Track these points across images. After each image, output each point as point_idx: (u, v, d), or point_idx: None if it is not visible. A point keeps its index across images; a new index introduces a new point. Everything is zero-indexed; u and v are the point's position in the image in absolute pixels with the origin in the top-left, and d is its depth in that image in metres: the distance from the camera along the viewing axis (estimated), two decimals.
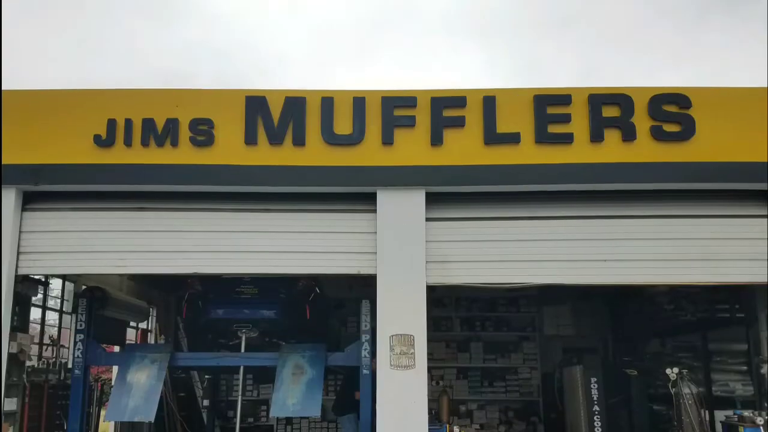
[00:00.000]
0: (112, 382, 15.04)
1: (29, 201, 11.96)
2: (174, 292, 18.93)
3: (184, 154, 11.60)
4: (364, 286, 14.01)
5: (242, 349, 14.04)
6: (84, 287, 14.86)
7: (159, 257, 11.86)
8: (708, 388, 14.40)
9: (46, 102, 11.94)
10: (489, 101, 11.60)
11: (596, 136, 11.40)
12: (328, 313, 19.05)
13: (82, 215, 11.98)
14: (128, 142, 11.59)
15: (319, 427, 21.11)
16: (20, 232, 11.79)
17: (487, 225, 11.74)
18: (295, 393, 12.61)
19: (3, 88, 11.77)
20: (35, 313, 14.48)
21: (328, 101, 11.70)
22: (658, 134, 11.35)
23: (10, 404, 12.15)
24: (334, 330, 20.62)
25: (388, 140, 11.52)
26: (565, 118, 11.51)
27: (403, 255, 11.31)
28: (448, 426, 13.00)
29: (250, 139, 11.59)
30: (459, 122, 11.57)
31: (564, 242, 11.58)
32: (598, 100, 11.53)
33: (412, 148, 11.54)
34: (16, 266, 11.68)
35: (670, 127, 11.39)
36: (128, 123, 11.64)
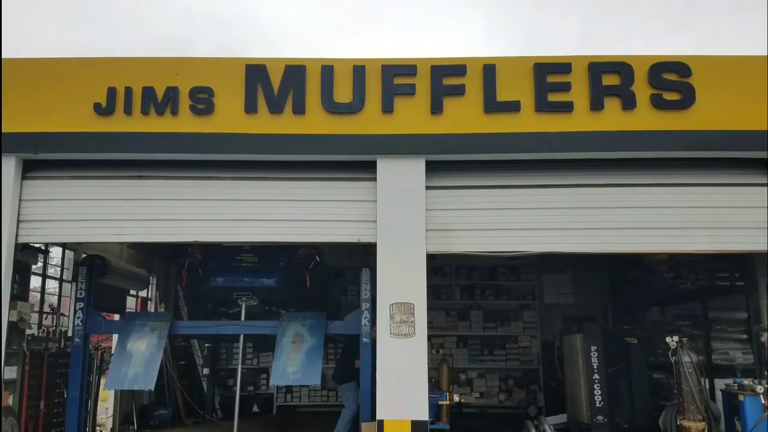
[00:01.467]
0: (112, 351, 15.09)
1: (29, 169, 11.99)
2: (174, 261, 19.03)
3: (184, 123, 11.60)
4: (364, 255, 14.08)
5: (242, 318, 14.12)
6: (84, 255, 14.92)
7: (159, 225, 11.88)
8: (708, 357, 14.44)
9: (46, 70, 11.93)
10: (489, 69, 11.59)
11: (596, 105, 11.40)
12: (328, 281, 19.14)
13: (82, 183, 11.99)
14: (128, 111, 11.60)
15: (319, 395, 21.24)
16: (20, 200, 11.82)
17: (487, 193, 11.76)
18: (295, 361, 12.67)
19: (3, 56, 11.77)
20: (35, 282, 14.48)
21: (328, 69, 11.69)
22: (658, 102, 11.35)
23: (11, 372, 12.21)
24: (334, 298, 20.70)
25: (388, 108, 11.52)
26: (565, 87, 11.51)
27: (403, 223, 11.32)
28: (448, 394, 13.05)
29: (250, 108, 11.58)
30: (459, 90, 11.56)
31: (564, 210, 11.60)
32: (598, 68, 11.52)
33: (412, 117, 11.53)
34: (16, 234, 11.71)
35: (670, 96, 11.38)
36: (128, 91, 11.64)
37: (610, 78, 11.47)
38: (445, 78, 11.59)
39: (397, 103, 11.55)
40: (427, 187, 11.52)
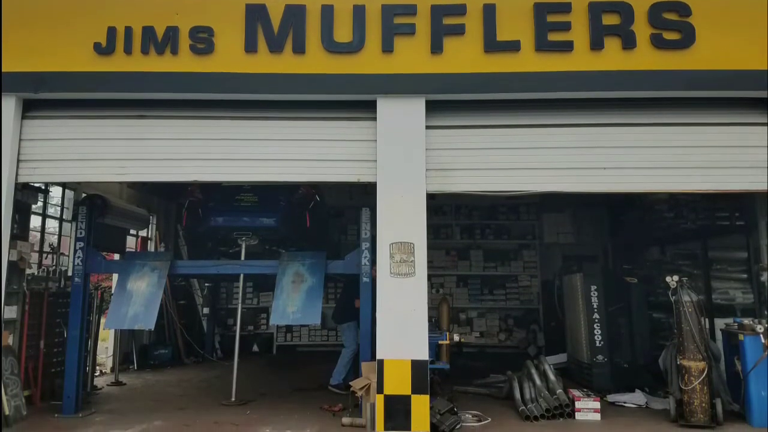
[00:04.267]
0: (112, 290, 15.14)
1: (29, 109, 11.99)
2: (174, 200, 19.06)
3: (184, 62, 11.58)
4: (364, 194, 14.11)
5: (242, 257, 14.16)
6: (84, 195, 14.91)
7: (159, 165, 11.85)
8: (708, 296, 14.52)
9: (46, 10, 11.87)
10: (489, 9, 11.54)
11: (596, 44, 11.37)
12: (328, 221, 19.20)
13: (83, 123, 11.97)
14: (128, 50, 11.59)
15: (319, 334, 21.42)
16: (20, 139, 11.83)
17: (486, 133, 11.73)
18: (295, 301, 12.68)
19: None
20: (35, 221, 14.50)
21: (328, 9, 11.64)
22: (657, 42, 11.32)
23: (10, 312, 12.27)
24: (334, 238, 20.76)
25: (388, 48, 11.49)
26: (565, 26, 11.47)
27: (403, 163, 11.31)
28: (448, 334, 13.10)
29: (250, 47, 11.56)
30: (459, 30, 11.52)
31: (564, 150, 11.58)
32: (598, 7, 11.47)
33: (412, 56, 11.50)
34: (16, 174, 11.74)
35: (670, 35, 11.35)
36: (128, 31, 11.62)
37: (610, 17, 11.43)
38: (445, 17, 11.54)
39: (397, 42, 11.52)
40: (427, 127, 11.49)
